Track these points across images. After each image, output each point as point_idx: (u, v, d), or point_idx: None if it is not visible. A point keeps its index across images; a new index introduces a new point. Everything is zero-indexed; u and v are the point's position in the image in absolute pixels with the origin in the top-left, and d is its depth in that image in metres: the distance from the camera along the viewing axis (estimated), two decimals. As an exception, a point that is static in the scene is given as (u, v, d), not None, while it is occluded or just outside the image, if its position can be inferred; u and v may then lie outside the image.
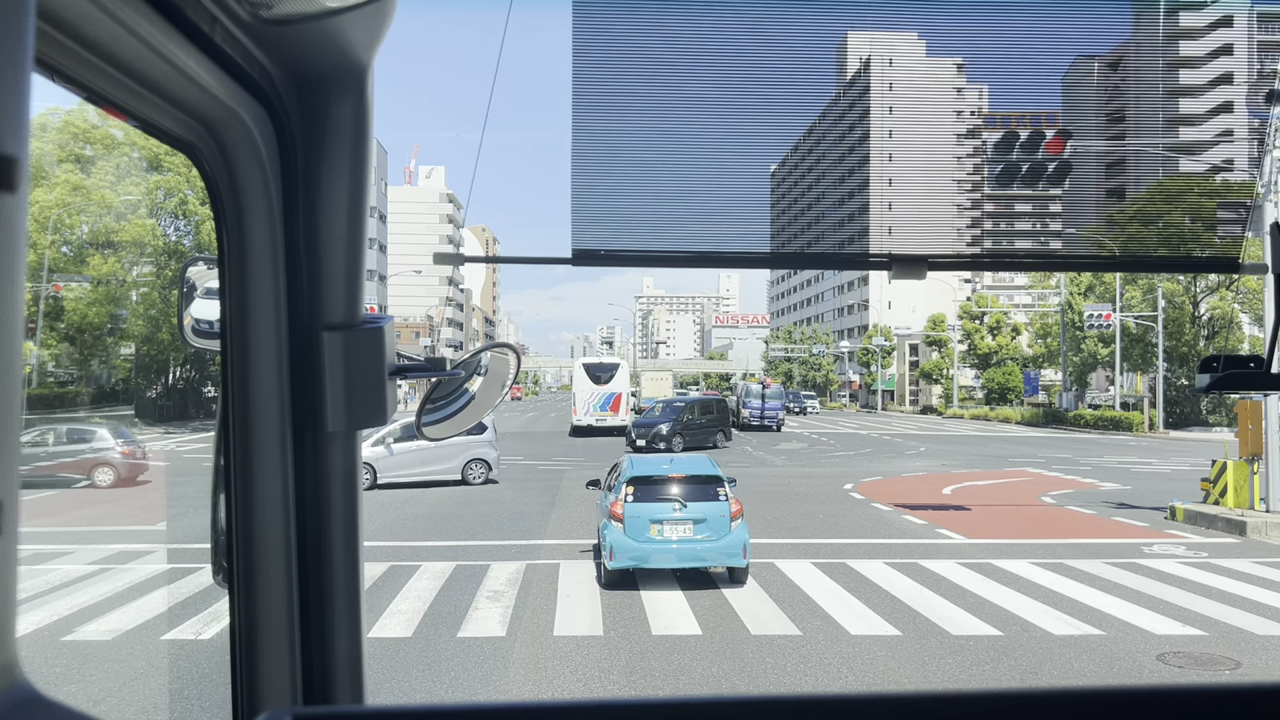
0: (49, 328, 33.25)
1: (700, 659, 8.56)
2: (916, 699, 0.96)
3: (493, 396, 1.60)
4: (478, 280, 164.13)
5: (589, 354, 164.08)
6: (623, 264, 1.90)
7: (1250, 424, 17.13)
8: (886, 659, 8.61)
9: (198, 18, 1.00)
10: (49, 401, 32.19)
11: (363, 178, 1.32)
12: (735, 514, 11.32)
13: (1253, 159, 9.82)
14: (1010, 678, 8.18)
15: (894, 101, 2.07)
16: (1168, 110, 2.19)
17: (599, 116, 1.78)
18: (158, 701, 7.38)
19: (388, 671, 8.15)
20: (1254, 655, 8.81)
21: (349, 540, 1.36)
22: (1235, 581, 11.93)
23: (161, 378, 39.56)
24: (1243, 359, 1.89)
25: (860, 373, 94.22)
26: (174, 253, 36.46)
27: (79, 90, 0.95)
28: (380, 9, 1.19)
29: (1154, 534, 15.85)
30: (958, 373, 75.13)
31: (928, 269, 1.87)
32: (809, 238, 2.31)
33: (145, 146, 35.29)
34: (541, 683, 7.92)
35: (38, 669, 7.68)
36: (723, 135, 1.84)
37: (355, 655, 1.37)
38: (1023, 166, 2.08)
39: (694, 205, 1.87)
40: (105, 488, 18.91)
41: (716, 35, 1.79)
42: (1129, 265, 2.34)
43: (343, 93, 1.27)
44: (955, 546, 14.53)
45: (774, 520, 16.67)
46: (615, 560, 11.04)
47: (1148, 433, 46.82)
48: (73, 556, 12.37)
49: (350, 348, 1.30)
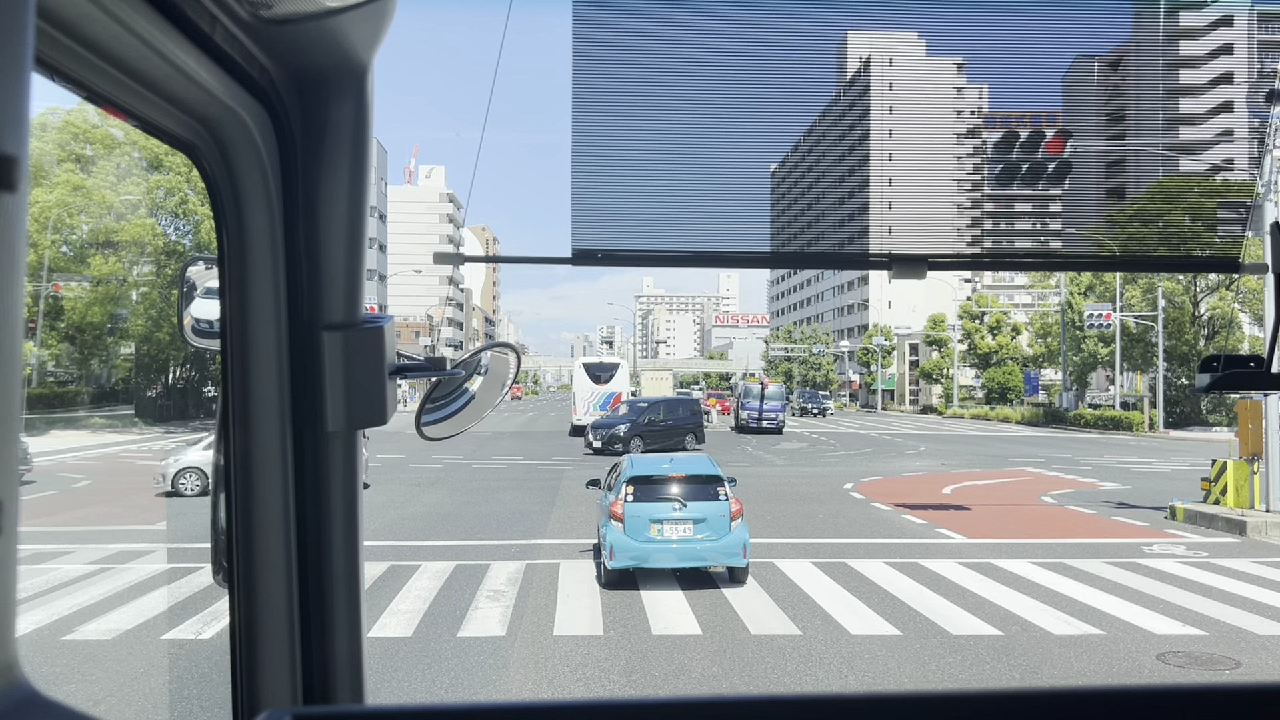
0: (49, 327, 33.25)
1: (700, 659, 8.56)
2: (916, 699, 0.96)
3: (493, 396, 1.60)
4: (478, 280, 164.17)
5: (589, 353, 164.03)
6: (623, 263, 1.90)
7: (1250, 424, 17.13)
8: (886, 659, 8.61)
9: (198, 17, 1.00)
10: (49, 401, 32.20)
11: (363, 177, 1.32)
12: (735, 514, 11.32)
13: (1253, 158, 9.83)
14: (1010, 677, 8.18)
15: (894, 101, 2.07)
16: (1168, 110, 2.19)
17: (599, 116, 1.78)
18: (158, 701, 7.38)
19: (388, 671, 8.15)
20: (1254, 655, 8.81)
21: (349, 540, 1.36)
22: (1235, 581, 11.93)
23: (161, 377, 39.56)
24: (1243, 359, 1.89)
25: (860, 372, 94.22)
26: (173, 252, 36.47)
27: (79, 90, 0.95)
28: (380, 9, 1.19)
29: (1154, 534, 15.85)
30: (958, 372, 75.13)
31: (928, 269, 1.87)
32: (809, 237, 2.31)
33: (146, 146, 35.30)
34: (541, 682, 7.92)
35: (38, 669, 7.68)
36: (723, 135, 1.84)
37: (355, 655, 1.37)
38: (1023, 166, 2.08)
39: (694, 205, 1.87)
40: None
41: (717, 35, 1.79)
42: (1129, 265, 2.34)
43: (343, 92, 1.27)
44: (955, 546, 14.53)
45: (774, 520, 16.67)
46: (615, 560, 11.04)
47: (1148, 432, 46.82)
48: (72, 556, 12.37)
49: (350, 347, 1.30)
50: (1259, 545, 14.80)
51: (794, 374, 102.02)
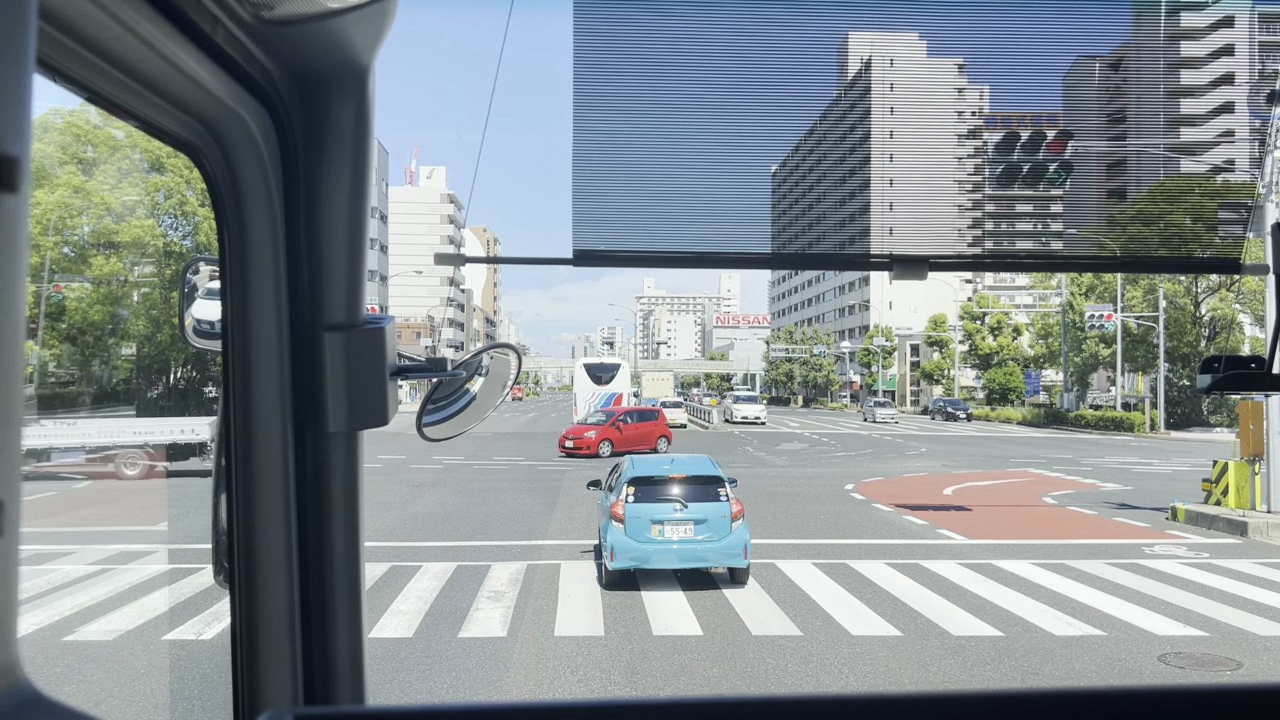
0: (50, 327, 33.27)
1: (701, 659, 8.56)
2: (917, 699, 0.96)
3: (494, 397, 1.60)
4: (479, 280, 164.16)
5: (590, 354, 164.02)
6: (624, 264, 1.90)
7: (1251, 425, 17.12)
8: (887, 659, 8.61)
9: (199, 18, 1.00)
10: (50, 401, 32.21)
11: (364, 178, 1.32)
12: (736, 514, 11.32)
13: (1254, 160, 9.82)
14: (1011, 678, 8.18)
15: (895, 102, 2.07)
16: (1169, 111, 2.19)
17: (600, 117, 1.78)
18: (159, 702, 7.38)
19: (389, 672, 8.15)
20: (1255, 656, 8.81)
21: (350, 541, 1.36)
22: (1236, 582, 11.92)
23: (162, 378, 39.58)
24: (1244, 359, 1.89)
25: (861, 373, 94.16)
26: (174, 253, 36.49)
27: (80, 91, 0.95)
28: (381, 9, 1.20)
29: (1155, 534, 15.85)
30: (959, 373, 75.13)
31: (929, 270, 1.87)
32: (810, 238, 2.31)
33: (147, 148, 35.33)
34: (542, 683, 7.92)
35: (39, 669, 7.68)
36: (724, 136, 1.84)
37: (356, 655, 1.37)
38: (1024, 167, 2.08)
39: (695, 206, 1.87)
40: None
41: (718, 35, 1.79)
42: (1130, 266, 2.34)
43: (344, 93, 1.27)
44: (956, 547, 14.52)
45: (775, 521, 16.67)
46: (616, 561, 11.04)
47: (1149, 433, 46.80)
48: (74, 557, 12.38)
49: (351, 348, 1.30)
50: (1260, 546, 14.79)
51: (795, 375, 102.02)
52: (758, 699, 0.94)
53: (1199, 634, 9.50)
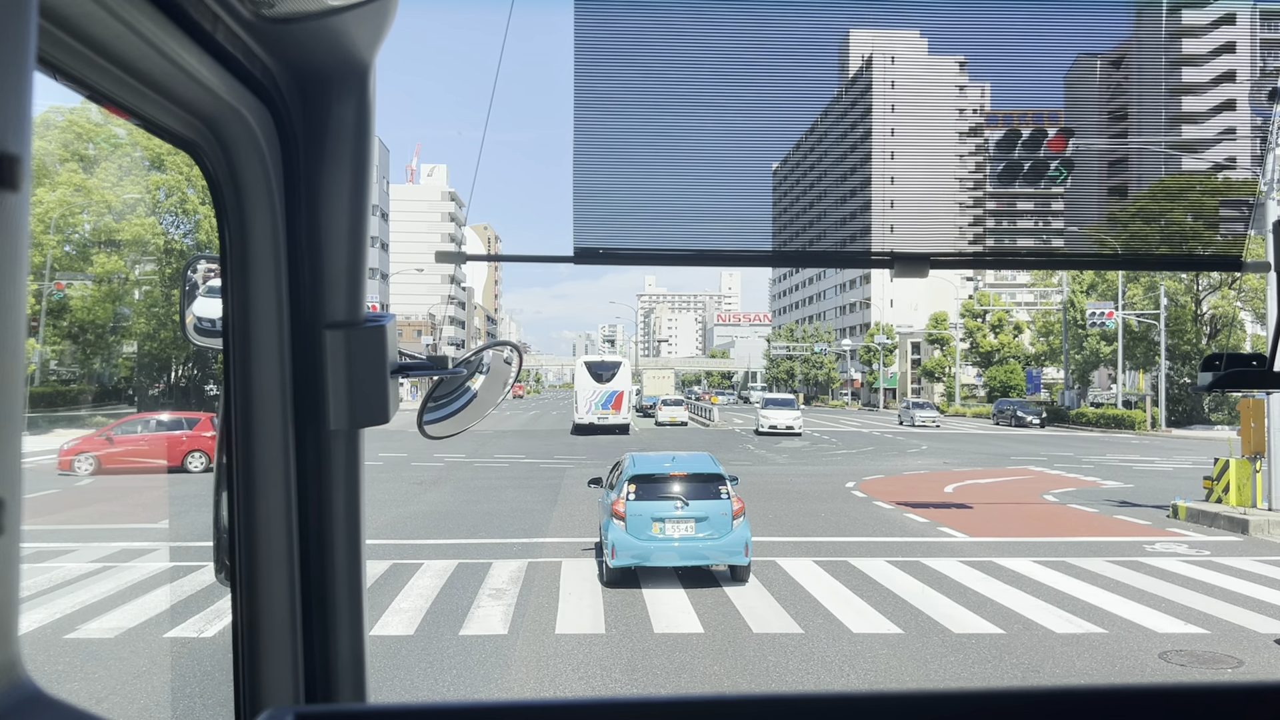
0: (51, 326, 33.28)
1: (702, 657, 8.56)
2: (918, 697, 0.96)
3: (495, 395, 1.60)
4: (480, 278, 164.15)
5: (591, 352, 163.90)
6: (625, 262, 1.90)
7: (1252, 422, 17.11)
8: (888, 657, 8.61)
9: (200, 16, 1.00)
10: (51, 399, 32.22)
11: (365, 176, 1.32)
12: (737, 512, 11.32)
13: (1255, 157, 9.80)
14: (1012, 676, 8.18)
15: (896, 99, 2.07)
16: (1170, 108, 2.19)
17: (601, 114, 1.78)
18: (160, 700, 7.38)
19: (390, 669, 8.15)
20: (1256, 654, 8.81)
21: (351, 538, 1.36)
22: (1237, 580, 11.92)
23: (163, 375, 39.60)
24: (1245, 357, 1.89)
25: (862, 371, 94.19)
26: (174, 251, 36.49)
27: (81, 89, 0.95)
28: (382, 7, 1.19)
29: (1156, 532, 15.84)
30: (960, 371, 75.10)
31: (930, 267, 1.87)
32: (811, 236, 2.31)
33: (148, 146, 35.33)
34: (543, 681, 7.92)
35: (40, 667, 7.69)
36: (725, 133, 1.84)
37: (357, 653, 1.38)
38: (1025, 164, 2.08)
39: (696, 203, 1.86)
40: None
41: (719, 33, 1.79)
42: (1131, 263, 2.34)
43: (345, 91, 1.27)
44: (957, 545, 14.52)
45: (776, 518, 16.67)
46: (617, 558, 11.04)
47: (1150, 431, 46.79)
48: (75, 555, 12.38)
49: (352, 346, 1.30)
50: (1261, 544, 14.78)
51: (796, 372, 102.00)
52: (759, 697, 0.94)
53: (1200, 631, 9.50)
